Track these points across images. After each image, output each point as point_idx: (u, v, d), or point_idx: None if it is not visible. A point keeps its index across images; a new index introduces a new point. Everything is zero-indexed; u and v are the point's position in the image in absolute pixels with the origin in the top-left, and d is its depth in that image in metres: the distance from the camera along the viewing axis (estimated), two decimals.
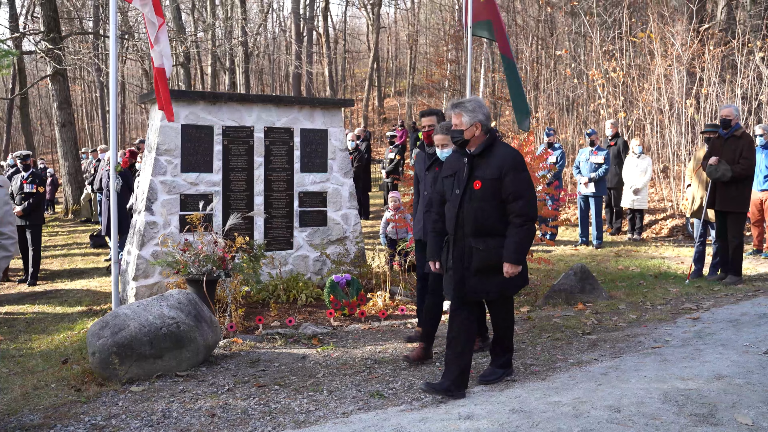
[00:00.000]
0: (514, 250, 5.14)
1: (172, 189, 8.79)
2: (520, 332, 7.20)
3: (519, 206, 5.16)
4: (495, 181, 5.20)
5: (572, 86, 21.02)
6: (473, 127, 5.35)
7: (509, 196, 5.18)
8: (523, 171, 5.24)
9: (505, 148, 5.33)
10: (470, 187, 5.28)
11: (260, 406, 5.18)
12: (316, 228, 9.80)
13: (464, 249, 5.31)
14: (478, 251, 5.24)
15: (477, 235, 5.25)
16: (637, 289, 9.41)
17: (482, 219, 5.23)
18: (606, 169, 13.33)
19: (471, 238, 5.26)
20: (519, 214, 5.16)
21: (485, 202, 5.22)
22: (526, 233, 5.18)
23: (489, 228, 5.23)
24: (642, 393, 4.93)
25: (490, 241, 5.22)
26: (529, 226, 5.19)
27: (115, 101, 7.72)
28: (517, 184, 5.18)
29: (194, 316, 6.27)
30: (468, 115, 5.35)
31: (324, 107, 9.90)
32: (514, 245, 5.15)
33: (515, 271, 5.20)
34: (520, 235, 5.16)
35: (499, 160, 5.24)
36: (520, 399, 5.01)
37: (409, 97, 38.09)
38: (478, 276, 5.26)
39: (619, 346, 6.46)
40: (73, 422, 5.01)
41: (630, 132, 17.86)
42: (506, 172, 5.19)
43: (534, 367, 5.96)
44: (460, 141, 5.39)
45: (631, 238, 14.07)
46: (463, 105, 5.40)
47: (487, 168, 5.25)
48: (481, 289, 5.30)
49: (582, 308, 8.26)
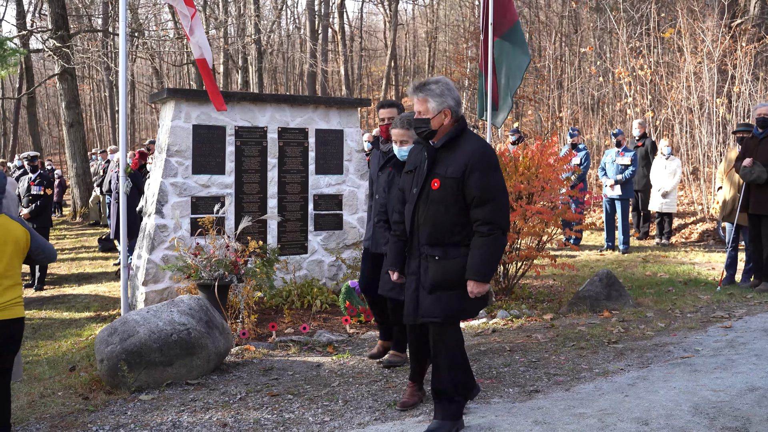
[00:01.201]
0: (480, 264, 4.43)
1: (183, 191, 8.82)
2: (543, 340, 7.17)
3: (485, 212, 4.42)
4: (457, 181, 4.47)
5: (597, 85, 20.94)
6: (441, 115, 4.61)
7: (473, 199, 4.45)
8: (494, 170, 4.49)
9: (475, 141, 4.58)
10: (428, 185, 4.59)
11: (273, 416, 5.19)
12: (332, 232, 9.80)
13: (420, 259, 4.66)
14: (434, 262, 4.57)
15: (433, 244, 4.58)
16: (666, 296, 9.35)
17: (439, 225, 4.54)
18: (633, 170, 13.26)
19: (427, 246, 4.60)
20: (485, 221, 4.42)
21: (443, 204, 4.52)
22: (494, 245, 4.44)
23: (447, 236, 4.55)
24: (671, 405, 4.89)
25: (451, 251, 4.54)
26: (498, 237, 4.45)
27: (124, 101, 7.76)
28: (484, 185, 4.43)
29: (205, 322, 6.28)
30: (435, 100, 4.60)
31: (340, 107, 9.91)
32: (480, 258, 4.43)
33: (481, 291, 4.48)
34: (488, 246, 4.44)
35: (464, 155, 4.49)
36: (543, 410, 4.98)
37: None
38: (434, 293, 4.58)
39: (647, 356, 6.42)
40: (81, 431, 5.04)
41: (658, 132, 17.76)
42: (471, 170, 4.44)
43: (558, 377, 5.93)
44: (426, 132, 4.65)
45: (660, 243, 13.99)
46: (428, 88, 4.64)
47: (450, 164, 4.52)
48: (436, 309, 4.58)
49: (608, 316, 8.21)
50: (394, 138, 5.67)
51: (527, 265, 9.58)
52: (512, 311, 8.58)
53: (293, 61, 44.25)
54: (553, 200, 9.58)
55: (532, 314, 8.55)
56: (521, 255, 9.36)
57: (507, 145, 14.08)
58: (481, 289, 4.47)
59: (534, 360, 6.43)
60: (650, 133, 17.22)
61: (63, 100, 21.45)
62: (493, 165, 4.50)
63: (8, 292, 4.46)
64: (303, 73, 40.77)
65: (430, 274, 4.57)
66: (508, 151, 10.13)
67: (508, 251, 9.44)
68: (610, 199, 13.44)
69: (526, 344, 7.05)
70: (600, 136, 20.35)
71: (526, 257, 9.37)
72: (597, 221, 15.85)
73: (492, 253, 4.45)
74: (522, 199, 9.41)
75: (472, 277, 4.45)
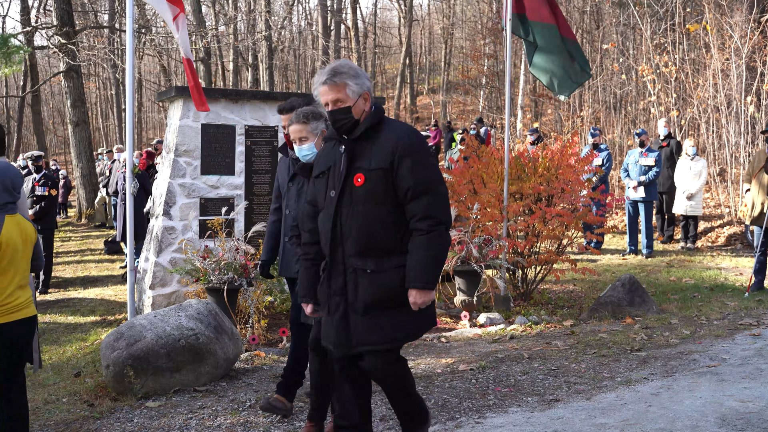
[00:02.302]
0: (423, 268, 3.83)
1: (192, 192, 8.86)
2: (563, 348, 7.16)
3: (422, 205, 3.86)
4: (385, 172, 3.89)
5: (620, 82, 20.87)
6: (362, 100, 4.04)
7: (408, 191, 3.87)
8: (427, 156, 3.98)
9: (399, 126, 4.08)
10: (350, 183, 3.95)
11: (284, 425, 5.20)
12: None
13: (346, 276, 3.97)
14: (366, 276, 3.91)
15: (364, 254, 3.92)
16: (691, 302, 9.30)
17: (369, 229, 3.91)
18: (657, 172, 13.21)
19: (355, 258, 3.93)
20: (424, 216, 3.85)
21: (372, 203, 3.91)
22: (437, 243, 3.86)
23: (379, 242, 3.92)
24: (697, 416, 4.87)
25: (386, 261, 3.91)
26: (441, 233, 3.89)
27: (131, 99, 7.80)
28: (419, 173, 3.88)
29: (214, 327, 6.30)
30: (354, 82, 4.01)
31: None
32: (422, 261, 3.83)
33: (427, 300, 3.87)
34: (429, 245, 3.85)
35: (390, 141, 3.93)
36: (562, 420, 4.97)
37: (444, 95, 38.07)
38: (369, 315, 3.92)
39: (672, 364, 6.39)
40: None
41: (683, 132, 17.69)
42: (401, 158, 3.88)
43: (578, 385, 5.91)
44: (348, 124, 4.02)
45: (685, 247, 13.92)
46: (341, 72, 4.01)
47: (374, 154, 3.93)
48: (375, 334, 3.93)
49: (630, 322, 8.18)
50: (293, 136, 4.90)
51: (546, 270, 9.56)
52: (531, 317, 8.57)
53: (305, 58, 44.38)
54: (574, 202, 9.56)
55: (552, 320, 8.54)
56: (540, 259, 9.35)
57: (526, 145, 14.06)
58: (425, 298, 3.85)
59: (553, 368, 6.42)
60: (675, 133, 17.15)
61: (68, 98, 21.58)
62: (424, 150, 4.00)
63: (25, 291, 4.54)
64: (315, 70, 40.85)
65: (362, 292, 3.91)
66: (527, 151, 10.12)
67: (527, 255, 9.42)
68: (633, 202, 13.39)
69: (545, 351, 7.04)
70: (622, 136, 20.29)
71: (546, 261, 9.36)
72: (619, 224, 15.80)
73: (435, 253, 3.87)
74: (541, 201, 9.40)
75: (413, 284, 3.82)
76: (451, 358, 6.89)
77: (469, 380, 6.20)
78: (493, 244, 8.97)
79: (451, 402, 5.62)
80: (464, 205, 9.52)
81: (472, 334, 8.10)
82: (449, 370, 6.47)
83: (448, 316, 8.89)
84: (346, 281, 3.97)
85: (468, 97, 35.83)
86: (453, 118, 34.26)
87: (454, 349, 7.40)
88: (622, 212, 16.20)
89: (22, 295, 4.48)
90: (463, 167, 9.94)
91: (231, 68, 36.01)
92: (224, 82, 37.66)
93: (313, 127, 4.82)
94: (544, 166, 9.41)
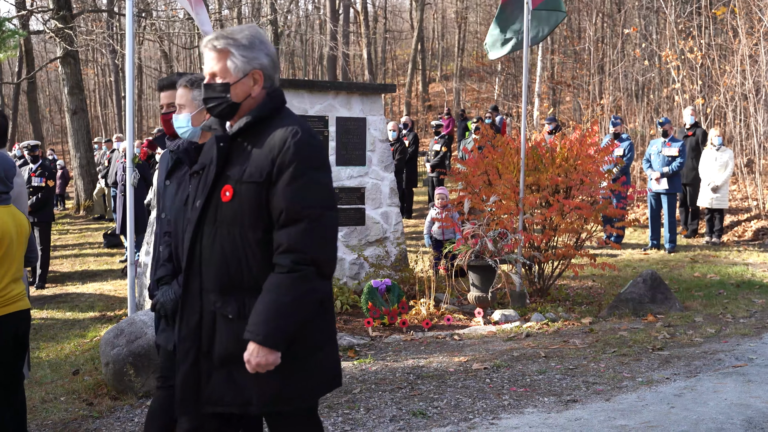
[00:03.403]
0: (267, 317, 2.96)
1: None
2: (581, 346, 7.16)
3: (291, 236, 3.00)
4: (258, 188, 3.04)
5: (642, 69, 20.80)
6: (249, 80, 3.17)
7: (279, 215, 3.02)
8: (315, 169, 3.06)
9: (290, 124, 3.13)
10: (216, 196, 3.14)
11: None
12: (353, 228, 9.83)
13: (203, 316, 3.18)
14: (227, 323, 3.10)
15: (225, 292, 3.11)
16: (717, 299, 9.29)
17: (232, 262, 3.09)
18: (681, 162, 13.17)
19: (215, 295, 3.13)
20: (288, 249, 3.00)
21: (240, 227, 3.08)
22: (298, 286, 2.97)
23: (248, 280, 3.09)
24: (722, 418, 4.87)
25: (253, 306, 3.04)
26: (306, 276, 2.99)
27: (131, 86, 7.81)
28: (298, 191, 3.01)
29: None
30: (241, 53, 3.14)
31: (362, 93, 9.93)
32: (272, 307, 2.96)
33: (265, 364, 2.96)
34: (285, 290, 2.97)
35: (271, 145, 3.07)
36: (581, 422, 4.98)
37: (457, 82, 38.02)
38: (226, 368, 3.12)
39: (695, 364, 6.39)
40: None
41: (709, 121, 17.62)
42: (280, 169, 3.03)
43: (597, 385, 5.92)
44: (222, 107, 3.18)
45: (710, 242, 13.88)
46: (230, 38, 3.16)
47: (251, 161, 3.09)
48: (230, 394, 3.13)
49: (652, 320, 8.18)
50: (176, 101, 4.15)
51: (564, 265, 9.56)
52: (548, 314, 8.57)
53: (312, 43, 44.35)
54: (593, 195, 9.54)
55: (570, 318, 8.54)
56: (558, 253, 9.34)
57: (543, 134, 14.05)
58: (265, 359, 2.96)
59: (571, 367, 6.42)
60: (701, 121, 17.08)
61: (65, 85, 21.63)
62: (314, 161, 3.08)
63: (18, 284, 4.57)
64: (323, 56, 40.87)
65: (219, 342, 3.11)
66: (544, 141, 10.11)
67: (544, 249, 9.42)
68: (655, 194, 13.36)
69: (562, 350, 7.05)
70: (645, 125, 20.22)
71: (564, 256, 9.35)
72: (641, 217, 15.75)
73: (290, 300, 2.96)
74: (559, 193, 9.39)
75: (251, 336, 2.97)
76: (464, 357, 6.90)
77: (483, 379, 6.22)
78: (509, 238, 8.97)
79: (464, 402, 5.64)
80: (479, 197, 9.52)
81: (486, 331, 8.11)
82: (462, 369, 6.49)
83: (462, 313, 8.90)
84: (202, 323, 3.16)
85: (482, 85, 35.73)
86: (467, 106, 34.20)
87: (468, 347, 7.41)
88: (643, 205, 16.16)
89: (16, 287, 4.50)
90: (477, 158, 9.94)
91: None
92: None
93: (196, 95, 4.01)
94: (562, 156, 9.39)
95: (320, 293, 3.06)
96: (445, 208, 10.58)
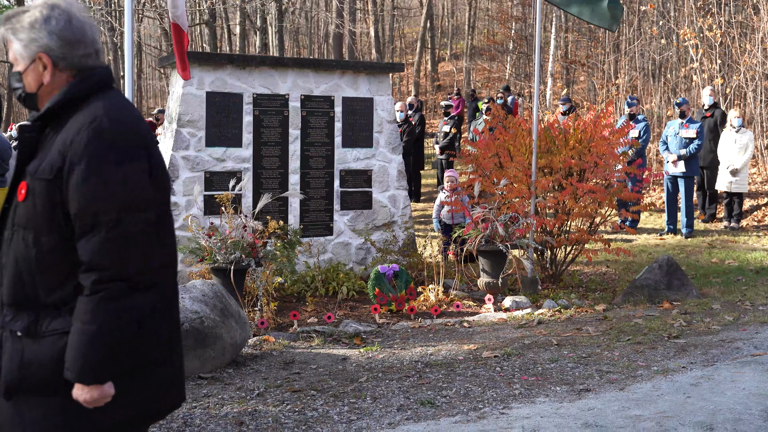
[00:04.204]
0: (79, 351, 2.52)
1: (196, 165, 8.89)
2: (595, 334, 7.16)
3: (87, 249, 2.55)
4: (49, 186, 2.60)
5: (659, 47, 20.70)
6: (37, 65, 2.73)
7: (77, 220, 2.58)
8: (115, 164, 2.58)
9: (93, 111, 2.66)
10: (15, 197, 2.73)
11: (294, 414, 5.24)
12: (360, 211, 9.83)
13: None
14: (15, 341, 2.65)
15: (17, 306, 2.68)
16: (735, 286, 9.27)
17: (24, 271, 2.66)
18: (699, 144, 13.12)
19: (8, 309, 2.70)
20: (88, 267, 2.55)
21: (32, 231, 2.64)
22: (106, 310, 2.52)
23: (41, 293, 2.65)
24: (740, 408, 4.86)
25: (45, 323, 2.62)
26: (115, 294, 2.53)
27: (130, 65, 7.79)
28: (92, 191, 2.55)
29: (220, 310, 6.35)
30: (21, 37, 2.72)
31: (369, 72, 9.91)
32: (81, 339, 2.52)
33: (94, 398, 2.55)
34: (92, 313, 2.52)
35: (67, 136, 2.62)
36: (594, 411, 4.98)
37: (468, 61, 37.89)
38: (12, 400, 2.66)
39: (713, 353, 6.38)
40: None
41: (728, 101, 17.54)
42: (72, 165, 2.57)
43: (611, 374, 5.92)
44: (24, 97, 2.80)
45: (728, 227, 13.85)
46: (12, 20, 2.75)
47: (46, 155, 2.65)
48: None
49: (668, 307, 8.17)
50: None
51: (577, 250, 9.55)
52: (560, 301, 8.57)
53: (317, 21, 44.21)
54: (608, 177, 9.52)
55: (583, 304, 8.54)
56: (571, 238, 9.33)
57: (556, 115, 13.99)
58: (90, 396, 2.55)
59: (584, 355, 6.43)
60: (720, 102, 17.01)
61: None
62: (113, 153, 2.60)
63: None
64: (328, 34, 40.73)
65: (5, 364, 2.66)
66: (557, 122, 10.08)
67: (557, 234, 9.40)
68: (672, 177, 13.32)
69: (575, 338, 7.05)
70: (662, 106, 20.15)
71: (577, 241, 9.34)
72: (657, 201, 15.72)
73: (98, 329, 2.52)
74: (573, 176, 9.37)
75: (68, 374, 2.55)
76: (473, 344, 6.91)
77: (493, 368, 6.22)
78: (520, 222, 8.96)
79: (473, 391, 5.64)
80: (489, 180, 9.51)
81: (496, 318, 8.11)
82: (472, 357, 6.50)
83: (471, 300, 8.91)
84: None
85: (494, 64, 35.62)
86: (477, 86, 34.11)
87: (477, 334, 7.42)
88: (660, 188, 16.12)
89: None
90: (488, 139, 9.92)
91: (237, 32, 35.95)
92: (230, 46, 37.64)
93: None
94: (575, 138, 9.37)
95: (137, 310, 2.57)
96: (455, 192, 10.57)
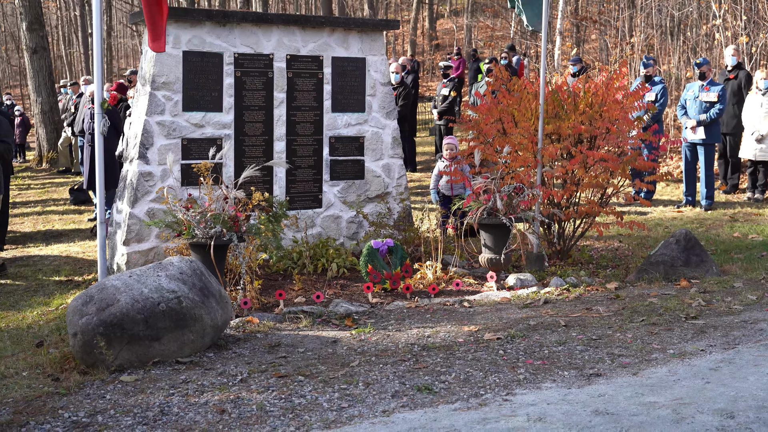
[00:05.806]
0: None
1: (172, 132, 8.86)
2: (606, 314, 7.18)
3: None
4: None
5: (678, 3, 20.62)
6: None
7: None
8: None
9: None
10: None
11: (280, 401, 5.26)
12: (351, 182, 9.82)
13: None
14: None
15: None
16: (758, 262, 9.30)
17: None
18: (720, 109, 13.11)
19: None
20: None
21: None
22: None
23: None
24: (763, 395, 4.89)
25: None
26: None
27: (99, 22, 7.73)
28: None
29: (199, 289, 6.35)
30: None
31: (361, 30, 9.86)
32: None
33: None
34: None
35: None
36: (605, 398, 5.01)
37: (469, 18, 37.73)
38: None
39: (734, 335, 6.41)
40: (50, 419, 5.11)
41: (754, 62, 17.50)
42: None
43: (623, 358, 5.94)
44: None
45: (752, 198, 13.87)
46: None
47: None
48: None
49: (686, 285, 8.19)
50: None
51: (587, 223, 9.56)
52: (568, 279, 8.59)
53: None
54: (621, 145, 9.52)
55: (593, 282, 8.56)
56: (580, 211, 9.34)
57: (565, 77, 13.96)
58: None
59: (594, 338, 6.45)
60: (744, 63, 16.97)
61: (23, 20, 21.47)
62: None
63: None
64: None
65: None
66: (566, 84, 10.06)
67: (565, 206, 9.41)
68: (690, 144, 13.32)
69: (584, 318, 7.07)
70: (680, 67, 20.11)
71: (587, 213, 9.35)
72: (674, 171, 15.73)
73: None
74: (583, 143, 9.37)
75: None
76: (474, 326, 6.93)
77: (495, 351, 6.25)
78: (525, 194, 8.96)
79: (474, 376, 5.67)
80: (492, 148, 9.49)
81: (499, 297, 8.13)
82: (473, 340, 6.52)
83: (472, 277, 8.92)
84: None
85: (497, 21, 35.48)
86: (479, 45, 34.00)
87: (479, 315, 7.44)
88: (677, 157, 16.13)
89: None
90: (490, 103, 9.90)
91: None
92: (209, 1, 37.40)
93: None
94: (586, 102, 9.35)
95: None
96: (454, 160, 10.56)
